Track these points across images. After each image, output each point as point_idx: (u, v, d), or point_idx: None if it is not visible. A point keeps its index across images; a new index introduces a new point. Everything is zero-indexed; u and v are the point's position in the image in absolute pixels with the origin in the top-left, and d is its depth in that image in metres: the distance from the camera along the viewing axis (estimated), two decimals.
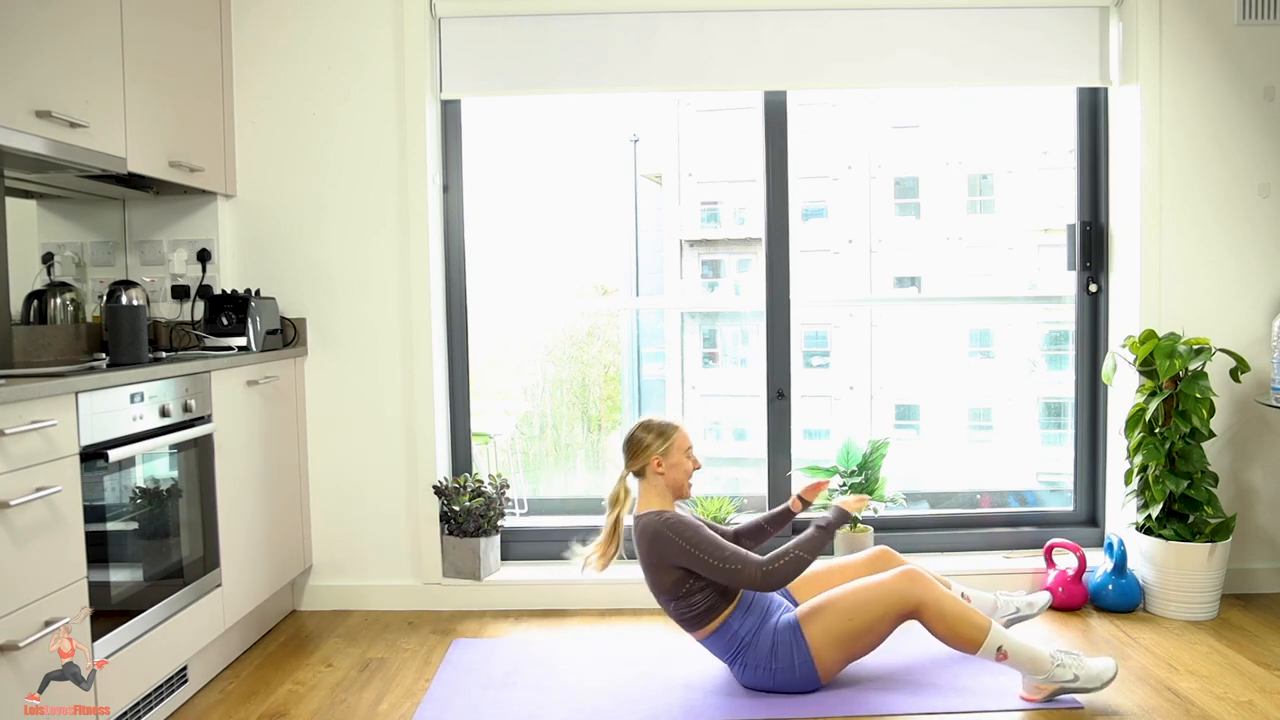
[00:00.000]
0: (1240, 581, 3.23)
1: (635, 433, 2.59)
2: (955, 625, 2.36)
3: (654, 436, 2.56)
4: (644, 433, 2.58)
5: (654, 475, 2.55)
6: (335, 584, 3.31)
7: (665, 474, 2.54)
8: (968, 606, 2.40)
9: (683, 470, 2.56)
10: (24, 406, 1.87)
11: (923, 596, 2.38)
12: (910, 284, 4.70)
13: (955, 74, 3.29)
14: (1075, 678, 2.34)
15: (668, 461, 2.54)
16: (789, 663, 2.43)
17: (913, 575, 2.41)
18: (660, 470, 2.54)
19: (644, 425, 2.60)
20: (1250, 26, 3.17)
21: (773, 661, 2.44)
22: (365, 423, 3.28)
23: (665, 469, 2.54)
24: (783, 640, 2.44)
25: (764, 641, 2.46)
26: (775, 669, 2.44)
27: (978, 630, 2.35)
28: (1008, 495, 3.82)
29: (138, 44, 2.64)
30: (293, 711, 2.48)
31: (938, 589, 2.40)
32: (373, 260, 3.25)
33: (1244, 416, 3.26)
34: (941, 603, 2.37)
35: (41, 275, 2.92)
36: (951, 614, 2.37)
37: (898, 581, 2.41)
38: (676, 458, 2.55)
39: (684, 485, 2.57)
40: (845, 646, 2.43)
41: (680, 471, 2.55)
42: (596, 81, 3.30)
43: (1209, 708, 2.39)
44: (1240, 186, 3.22)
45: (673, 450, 2.55)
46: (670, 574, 2.47)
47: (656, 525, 2.48)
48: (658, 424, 2.59)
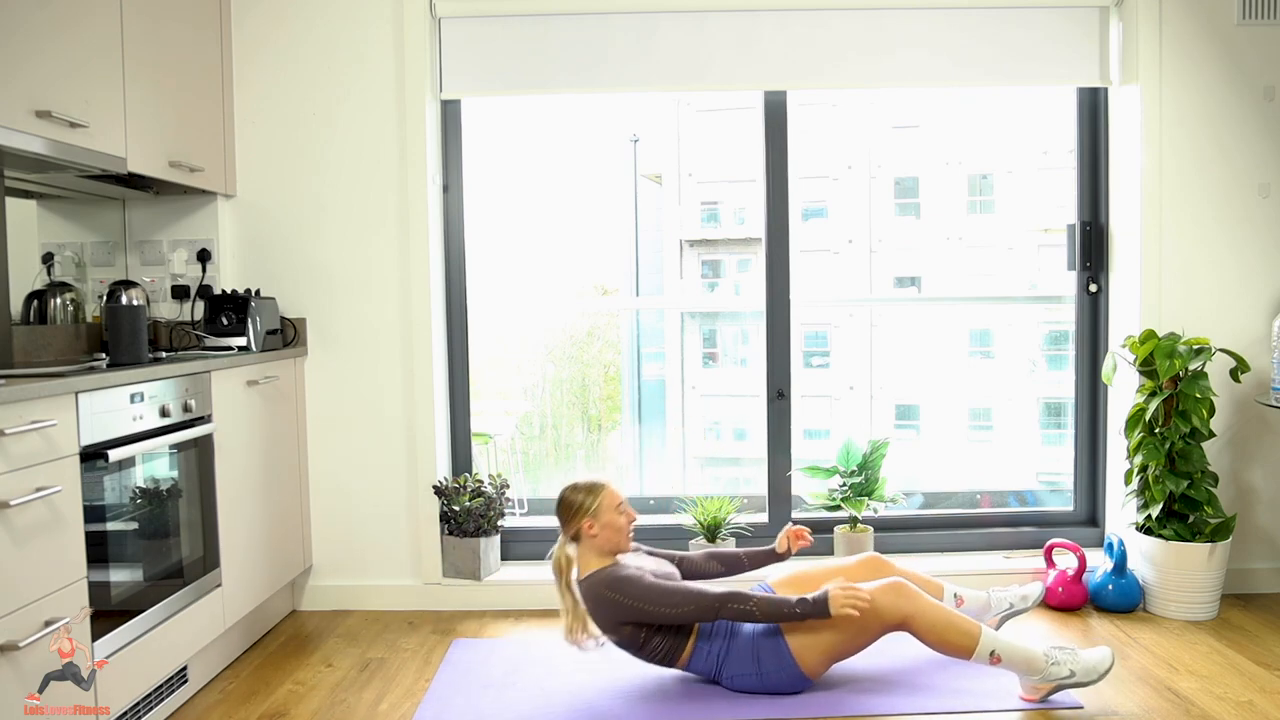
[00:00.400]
0: (1240, 581, 3.23)
1: (562, 498, 2.59)
2: (945, 634, 2.36)
3: (580, 497, 2.55)
4: (571, 494, 2.58)
5: (588, 537, 2.55)
6: (335, 584, 3.31)
7: (598, 535, 2.54)
8: (956, 614, 2.40)
9: (615, 528, 2.54)
10: (24, 406, 1.87)
11: (909, 610, 2.37)
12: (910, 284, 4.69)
13: (955, 74, 3.29)
14: (1071, 673, 2.34)
15: (599, 522, 2.53)
16: (774, 667, 2.43)
17: (899, 588, 2.40)
18: (593, 533, 2.53)
19: (570, 488, 2.60)
20: (1250, 26, 3.17)
21: (757, 668, 2.45)
22: (365, 423, 3.28)
23: (597, 530, 2.53)
24: (764, 647, 2.44)
25: (743, 652, 2.46)
26: (761, 673, 2.45)
27: (968, 638, 2.35)
28: (1008, 495, 3.82)
29: (138, 44, 2.64)
30: (293, 711, 2.48)
31: (924, 601, 2.39)
32: (373, 260, 3.25)
33: (1244, 416, 3.26)
34: (929, 614, 2.37)
35: (41, 275, 2.92)
36: (941, 624, 2.36)
37: (884, 594, 2.39)
38: (607, 517, 2.53)
39: (619, 542, 2.56)
40: (828, 654, 2.43)
41: (613, 530, 2.54)
42: (596, 81, 3.30)
43: (1209, 708, 2.39)
44: (1240, 186, 3.22)
45: (602, 510, 2.53)
46: (623, 630, 2.49)
47: (597, 588, 2.48)
48: (583, 485, 2.59)
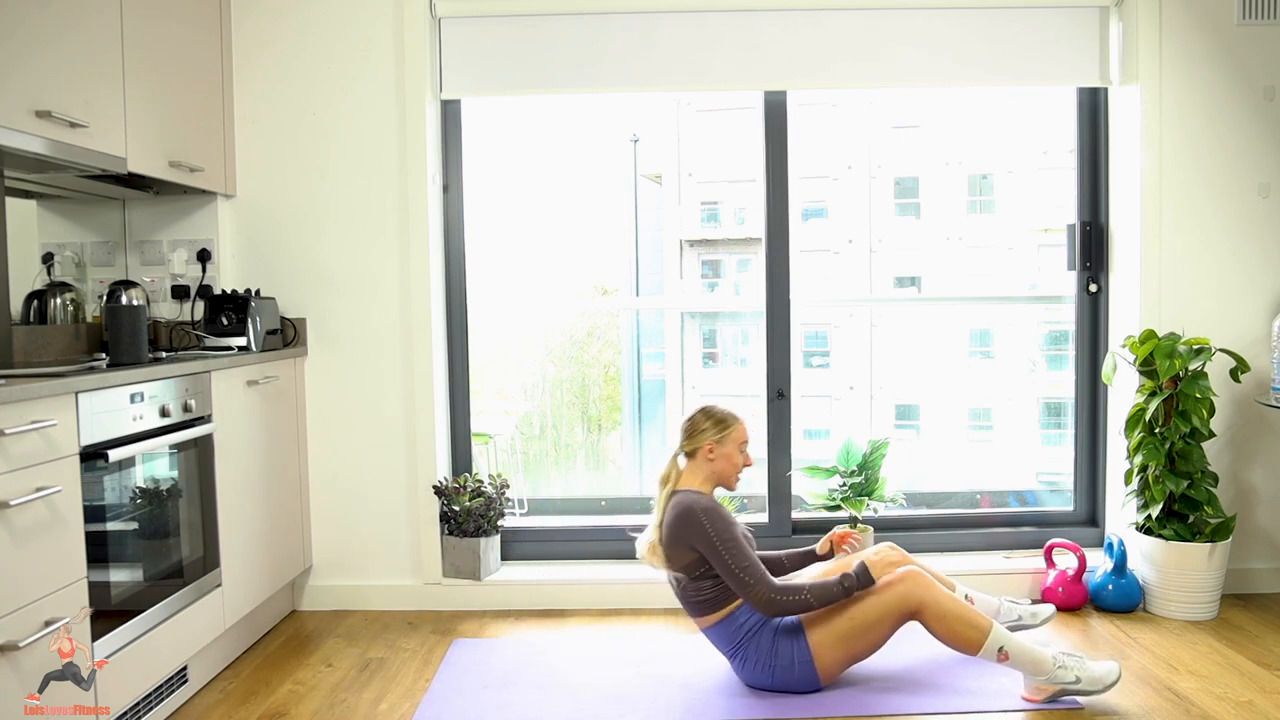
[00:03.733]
0: (1240, 581, 3.23)
1: (695, 415, 2.61)
2: (955, 626, 2.36)
3: (712, 423, 2.57)
4: (703, 418, 2.59)
5: (704, 460, 2.57)
6: (335, 584, 3.31)
7: (715, 461, 2.56)
8: (969, 607, 2.40)
9: (731, 463, 2.57)
10: (24, 406, 1.87)
11: (923, 597, 2.38)
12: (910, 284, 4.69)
13: (955, 74, 3.29)
14: (1077, 680, 2.34)
15: (720, 450, 2.56)
16: (789, 660, 2.43)
17: (914, 576, 2.41)
18: (711, 457, 2.56)
19: (705, 410, 2.62)
20: (1250, 26, 3.17)
21: (773, 659, 2.44)
22: (365, 423, 3.28)
23: (716, 457, 2.56)
24: (784, 638, 2.45)
25: (765, 637, 2.46)
26: (775, 666, 2.45)
27: (978, 631, 2.35)
28: (1008, 495, 3.82)
29: (138, 44, 2.64)
30: (293, 711, 2.48)
31: (938, 590, 2.40)
32: (373, 260, 3.25)
33: (1244, 416, 3.26)
34: (942, 604, 2.37)
35: (41, 275, 2.92)
36: (952, 615, 2.37)
37: (898, 582, 2.41)
38: (729, 449, 2.56)
39: (730, 478, 2.59)
40: (845, 646, 2.42)
41: (729, 464, 2.57)
42: (596, 81, 3.30)
43: (1209, 708, 2.39)
44: (1240, 186, 3.22)
45: (727, 441, 2.56)
46: (687, 554, 2.48)
47: (692, 504, 2.48)
48: (719, 412, 2.61)
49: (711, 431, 2.57)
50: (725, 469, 2.57)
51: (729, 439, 2.56)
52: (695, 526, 2.45)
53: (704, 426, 2.58)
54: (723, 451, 2.56)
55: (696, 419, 2.60)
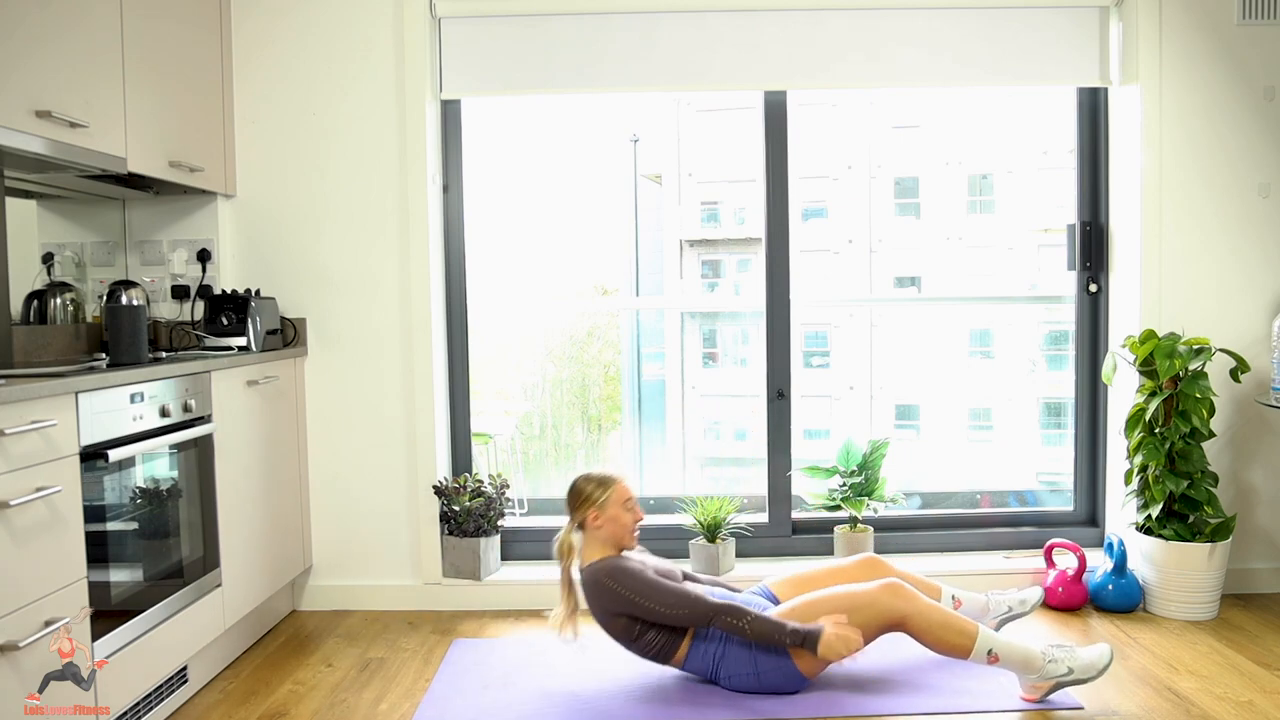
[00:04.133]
0: (1240, 581, 3.23)
1: (572, 487, 2.60)
2: (942, 635, 2.36)
3: (589, 492, 2.56)
4: (581, 486, 2.58)
5: (593, 529, 2.55)
6: (335, 584, 3.31)
7: (602, 528, 2.54)
8: (953, 615, 2.40)
9: (620, 524, 2.54)
10: (24, 406, 1.87)
11: (906, 610, 2.37)
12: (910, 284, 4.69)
13: (955, 74, 3.29)
14: (1070, 671, 2.34)
15: (604, 515, 2.53)
16: (771, 666, 2.43)
17: (895, 589, 2.40)
18: (598, 524, 2.54)
19: (582, 477, 2.61)
20: (1250, 26, 3.17)
21: (755, 668, 2.44)
22: (365, 423, 3.28)
23: (602, 522, 2.54)
24: (762, 647, 2.43)
25: (740, 652, 2.45)
26: (759, 674, 2.44)
27: (965, 637, 2.35)
28: (1008, 495, 3.82)
29: (138, 44, 2.64)
30: (293, 711, 2.48)
31: (921, 601, 2.39)
32: (373, 260, 3.25)
33: (1244, 416, 3.26)
34: (926, 614, 2.37)
35: (41, 275, 2.92)
36: (938, 624, 2.37)
37: (881, 594, 2.40)
38: (613, 511, 2.54)
39: (623, 538, 2.56)
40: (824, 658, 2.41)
41: (617, 525, 2.54)
42: (596, 81, 3.30)
43: (1209, 708, 2.39)
44: (1240, 186, 3.21)
45: (608, 504, 2.54)
46: (616, 621, 2.49)
47: (597, 575, 2.49)
48: (594, 478, 2.59)
49: (595, 495, 2.54)
50: (615, 531, 2.54)
51: (609, 502, 2.54)
52: (609, 594, 2.46)
53: (582, 497, 2.56)
54: (607, 515, 2.53)
55: (575, 487, 2.58)
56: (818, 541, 3.42)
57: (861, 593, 2.42)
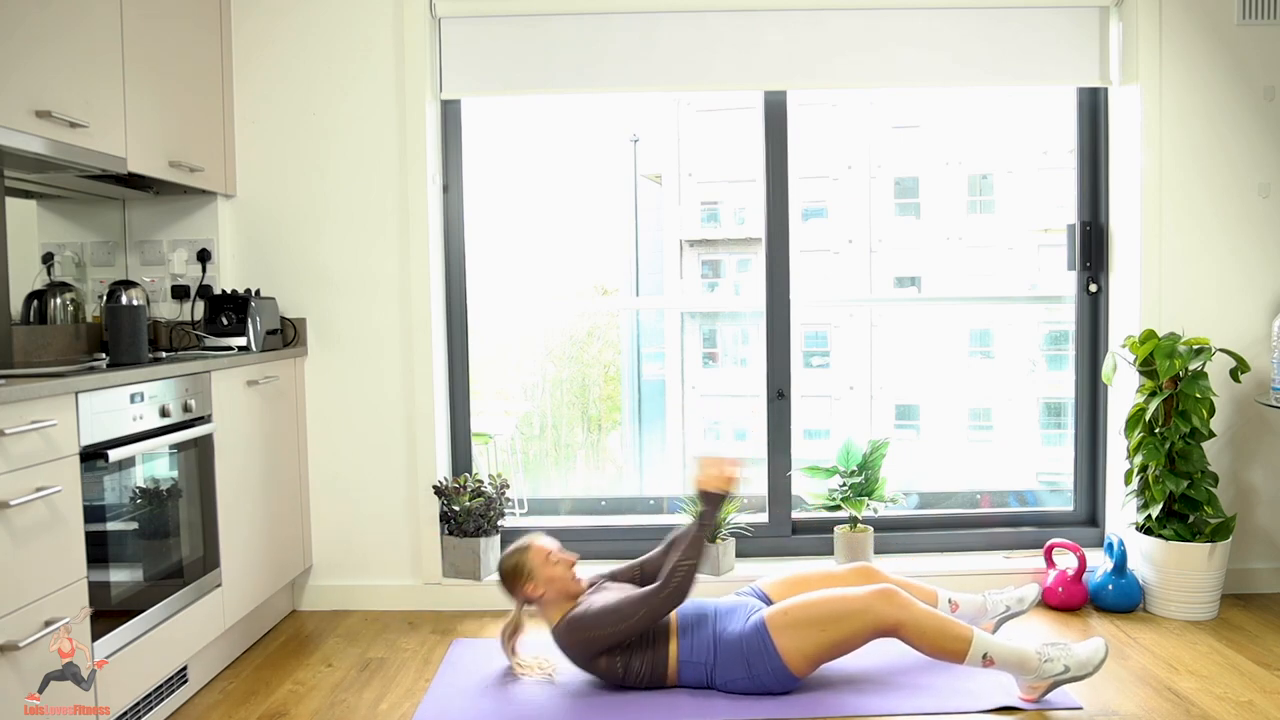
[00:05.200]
0: (1240, 581, 3.23)
1: (498, 571, 2.65)
2: (937, 640, 2.36)
3: (513, 563, 2.60)
4: (503, 566, 2.63)
5: (538, 599, 2.59)
6: (335, 584, 3.31)
7: (545, 591, 2.57)
8: (947, 619, 2.39)
9: (557, 578, 2.57)
10: (24, 406, 1.87)
11: (899, 616, 2.37)
12: (910, 284, 4.69)
13: (955, 73, 3.29)
14: (1066, 669, 2.33)
15: (539, 579, 2.57)
16: (763, 668, 2.43)
17: (888, 595, 2.40)
18: (539, 592, 2.57)
19: (500, 560, 2.65)
20: (1250, 26, 3.17)
21: (748, 670, 2.44)
22: (365, 423, 3.28)
23: (541, 588, 2.57)
24: (752, 647, 2.43)
25: (732, 656, 2.45)
26: (752, 675, 2.44)
27: (960, 642, 2.35)
28: (1008, 495, 3.82)
29: (138, 44, 2.64)
30: (293, 711, 2.48)
31: (915, 607, 2.39)
32: (373, 260, 3.25)
33: (1244, 416, 3.26)
34: (919, 621, 2.37)
35: (41, 275, 2.92)
36: (931, 630, 2.36)
37: (873, 600, 2.39)
38: (545, 572, 2.57)
39: (568, 587, 2.58)
40: (817, 656, 2.42)
41: (556, 582, 2.57)
42: (596, 81, 3.30)
43: (1209, 708, 2.39)
44: (1240, 186, 3.21)
45: (535, 572, 2.57)
46: (599, 663, 2.51)
47: (562, 638, 2.54)
48: (510, 554, 2.63)
49: (519, 576, 2.58)
50: (558, 588, 2.57)
51: (535, 570, 2.57)
52: (580, 645, 2.50)
53: (511, 580, 2.60)
54: (543, 577, 2.56)
55: (501, 576, 2.63)
56: (817, 541, 3.42)
57: (855, 597, 2.41)
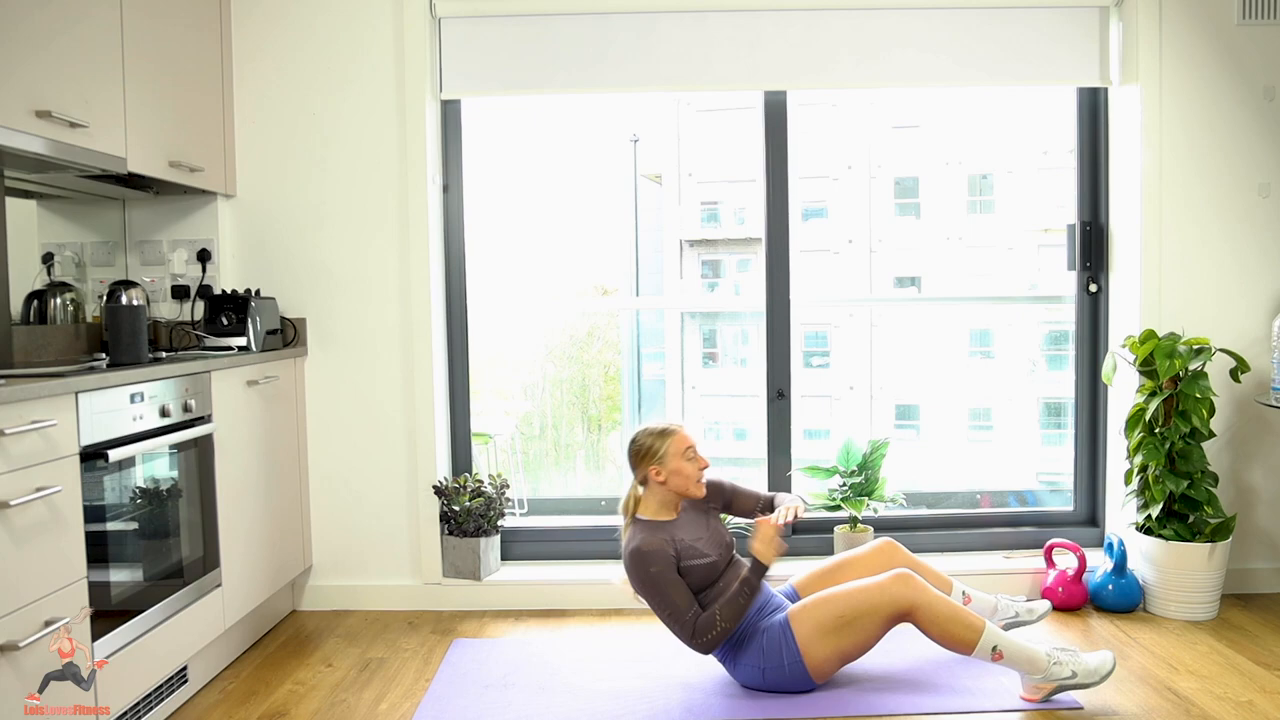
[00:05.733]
0: (1240, 581, 3.23)
1: (632, 440, 2.59)
2: (948, 627, 2.36)
3: (651, 440, 2.54)
4: (640, 438, 2.57)
5: (656, 484, 2.55)
6: (335, 584, 3.31)
7: (666, 481, 2.53)
8: (961, 608, 2.39)
9: (684, 475, 2.53)
10: (24, 406, 1.87)
11: (915, 599, 2.37)
12: (910, 284, 4.70)
13: (955, 74, 3.29)
14: (1073, 674, 2.34)
15: (666, 469, 2.52)
16: (778, 662, 2.43)
17: (904, 578, 2.40)
18: (661, 479, 2.53)
19: (640, 431, 2.60)
20: (1250, 26, 3.17)
21: (761, 660, 2.44)
22: (365, 423, 3.28)
23: (665, 476, 2.52)
24: (772, 639, 2.44)
25: (754, 640, 2.46)
26: (764, 668, 2.44)
27: (971, 631, 2.35)
28: (1008, 495, 3.82)
29: (138, 44, 2.64)
30: (293, 711, 2.48)
31: (930, 592, 2.39)
32: (373, 260, 3.25)
33: (1244, 416, 3.26)
34: (934, 605, 2.37)
35: (41, 275, 2.92)
36: (944, 616, 2.36)
37: (890, 584, 2.40)
38: (674, 463, 2.52)
39: (688, 489, 2.54)
40: (835, 646, 2.41)
41: (681, 477, 2.53)
42: (596, 81, 3.30)
43: (1209, 708, 2.39)
44: (1240, 186, 3.21)
45: (669, 457, 2.52)
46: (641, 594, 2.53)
47: (628, 557, 2.51)
48: (653, 431, 2.57)
49: (650, 455, 2.53)
50: (679, 483, 2.53)
51: (669, 454, 2.52)
52: (635, 580, 2.50)
53: (643, 449, 2.55)
54: (670, 468, 2.52)
55: (633, 443, 2.57)
56: (818, 541, 3.42)
57: (872, 585, 2.42)
